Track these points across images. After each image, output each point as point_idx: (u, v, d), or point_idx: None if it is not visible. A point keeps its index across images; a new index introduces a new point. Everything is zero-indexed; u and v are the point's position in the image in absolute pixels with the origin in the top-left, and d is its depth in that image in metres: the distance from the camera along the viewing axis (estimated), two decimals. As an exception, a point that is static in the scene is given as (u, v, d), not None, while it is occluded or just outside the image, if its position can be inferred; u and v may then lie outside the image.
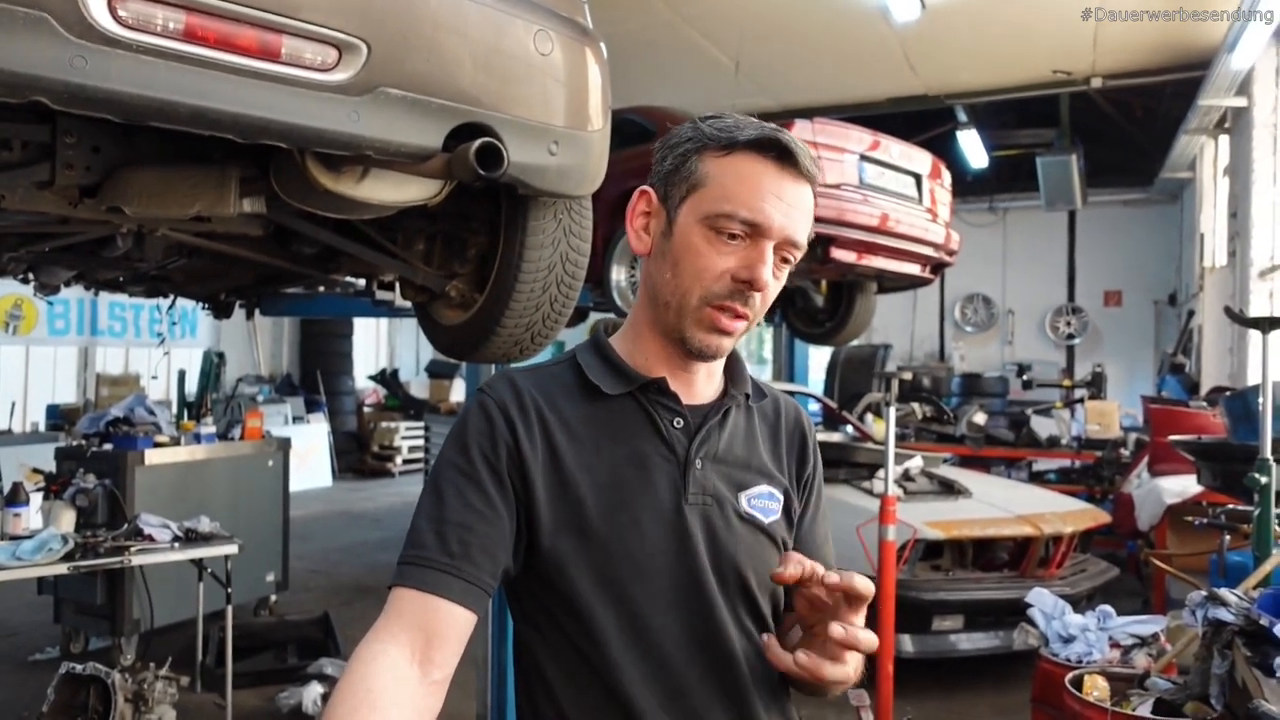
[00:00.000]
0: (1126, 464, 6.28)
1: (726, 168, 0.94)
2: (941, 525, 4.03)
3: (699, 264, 0.94)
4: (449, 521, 0.92)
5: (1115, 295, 11.56)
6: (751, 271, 0.92)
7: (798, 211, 0.94)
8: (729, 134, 0.94)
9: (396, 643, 0.86)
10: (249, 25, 1.46)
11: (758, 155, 0.93)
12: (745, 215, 0.92)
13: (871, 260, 4.14)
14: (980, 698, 4.01)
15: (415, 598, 0.88)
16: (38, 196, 1.85)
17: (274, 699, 3.76)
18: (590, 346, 1.04)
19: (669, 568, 0.95)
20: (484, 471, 0.94)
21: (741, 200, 0.92)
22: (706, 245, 0.94)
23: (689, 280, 0.94)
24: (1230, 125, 7.44)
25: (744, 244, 0.93)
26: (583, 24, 1.99)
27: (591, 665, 0.94)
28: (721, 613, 0.96)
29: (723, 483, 0.99)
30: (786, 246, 0.95)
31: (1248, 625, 1.98)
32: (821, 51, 7.42)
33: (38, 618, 4.67)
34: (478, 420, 0.97)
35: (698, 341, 0.96)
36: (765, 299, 0.96)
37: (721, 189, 0.93)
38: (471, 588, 0.90)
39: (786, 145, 0.93)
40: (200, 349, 9.96)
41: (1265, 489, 2.81)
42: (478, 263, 2.32)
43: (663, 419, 0.99)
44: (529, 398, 0.98)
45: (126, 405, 4.72)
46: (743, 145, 0.93)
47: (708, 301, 0.94)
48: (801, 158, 0.93)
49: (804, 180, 0.95)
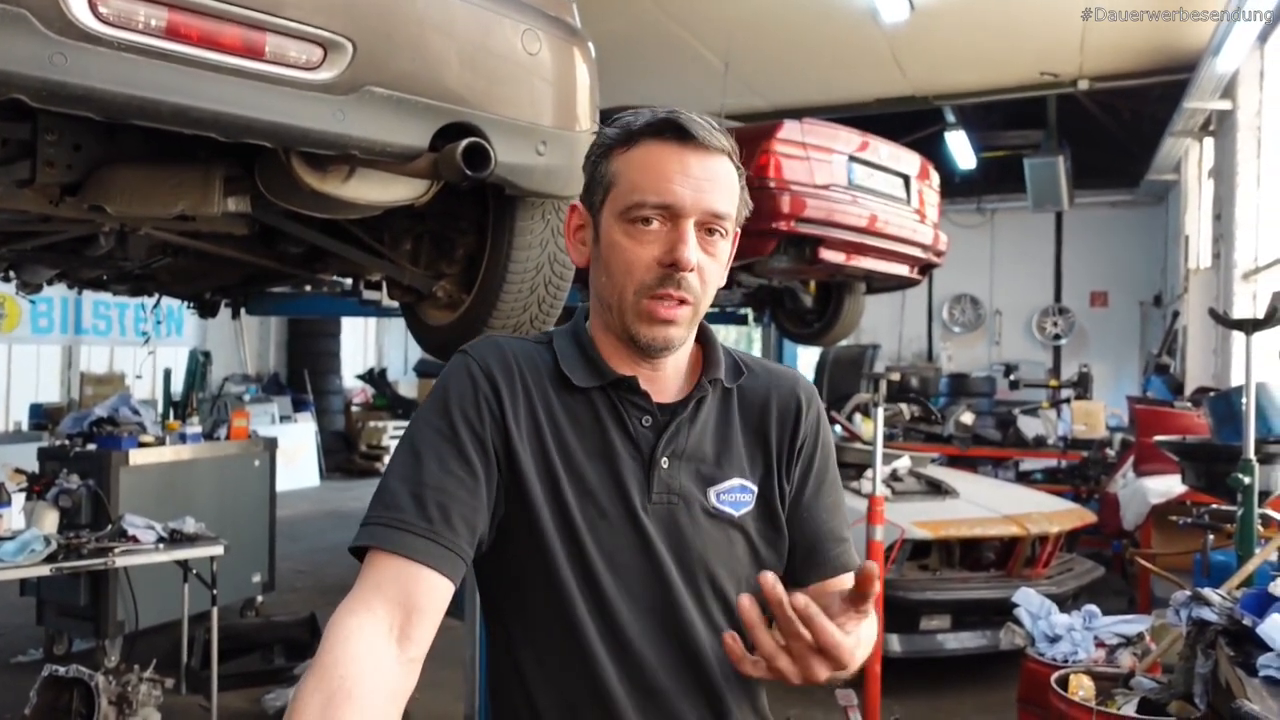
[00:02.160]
0: (1112, 464, 6.32)
1: (631, 161, 0.95)
2: (929, 525, 4.05)
3: (626, 259, 0.94)
4: (428, 485, 0.89)
5: (1101, 296, 11.64)
6: (674, 253, 0.92)
7: (709, 183, 0.94)
8: (626, 128, 0.96)
9: (374, 616, 0.82)
10: (232, 23, 1.45)
11: (657, 140, 0.94)
12: (654, 200, 0.93)
13: (860, 261, 4.15)
14: (967, 697, 4.02)
15: (394, 564, 0.85)
16: (18, 194, 1.83)
17: (260, 700, 3.74)
18: (569, 333, 1.03)
19: (635, 564, 0.95)
20: (466, 435, 0.92)
21: (649, 187, 0.93)
22: (628, 240, 0.94)
23: (621, 277, 0.95)
24: (1215, 128, 7.49)
25: (664, 229, 0.94)
26: (570, 23, 1.99)
27: (568, 656, 0.93)
28: (688, 610, 0.96)
29: (690, 480, 0.98)
30: (710, 220, 0.95)
31: (1231, 625, 1.99)
32: (810, 52, 7.44)
33: (20, 619, 4.62)
34: (460, 381, 0.95)
35: (644, 337, 0.95)
36: (705, 278, 0.96)
37: (629, 182, 0.94)
38: (451, 555, 0.87)
39: (682, 124, 0.93)
40: (186, 348, 9.87)
41: (1248, 489, 2.84)
42: (465, 263, 2.31)
43: (630, 416, 0.98)
44: (515, 366, 0.97)
45: (111, 405, 4.68)
46: (640, 135, 0.95)
47: (642, 294, 0.94)
48: (699, 131, 0.93)
49: (711, 152, 0.94)
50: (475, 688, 3.20)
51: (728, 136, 0.96)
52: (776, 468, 1.03)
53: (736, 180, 0.98)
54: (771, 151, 3.82)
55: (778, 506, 1.03)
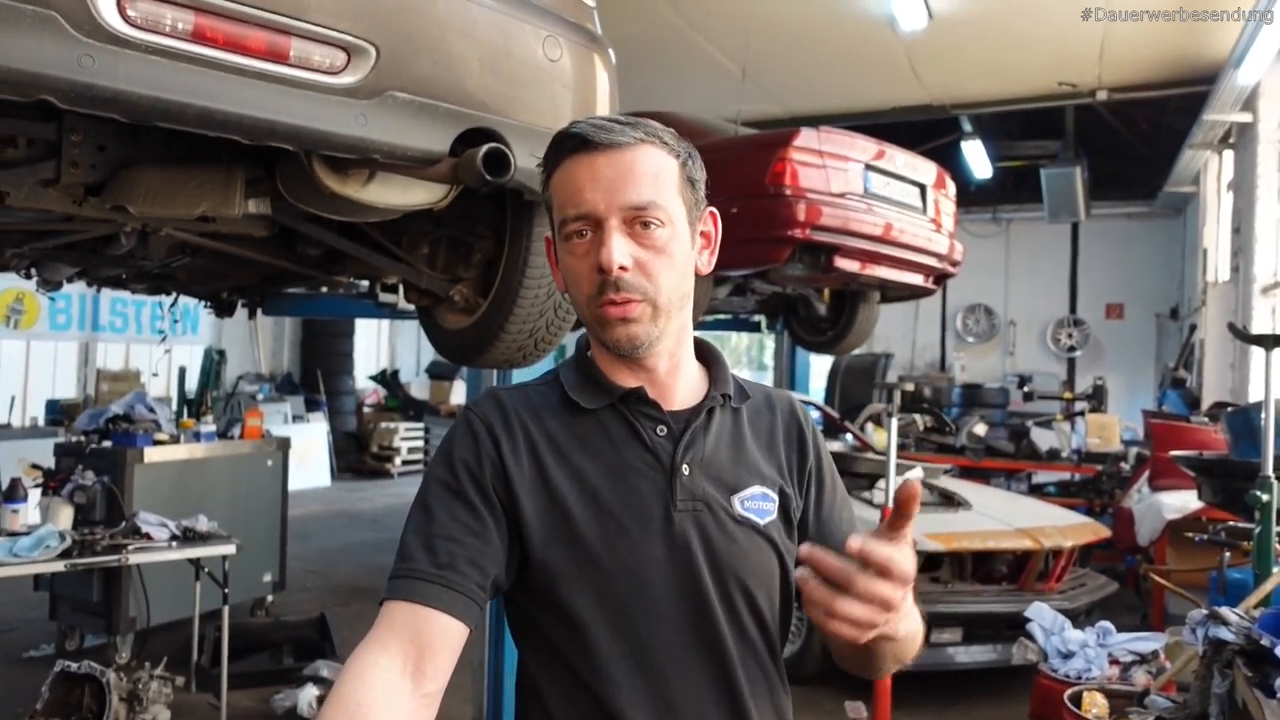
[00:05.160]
0: (1127, 478, 6.26)
1: (556, 182, 0.98)
2: (941, 537, 4.02)
3: (572, 274, 0.98)
4: (437, 535, 0.93)
5: (1117, 308, 11.56)
6: (600, 258, 0.94)
7: (621, 180, 0.94)
8: (545, 158, 1.00)
9: (388, 654, 0.86)
10: (258, 27, 1.46)
11: (569, 156, 0.97)
12: (571, 213, 0.96)
13: (875, 270, 4.13)
14: (977, 712, 3.99)
15: (405, 609, 0.89)
16: (43, 194, 1.84)
17: (269, 700, 3.75)
18: (572, 363, 1.06)
19: (663, 577, 0.95)
20: (470, 487, 0.95)
21: (567, 201, 0.96)
22: (570, 256, 0.98)
23: (575, 292, 0.99)
24: (1235, 140, 7.44)
25: (594, 238, 0.96)
26: (592, 30, 1.99)
27: (583, 678, 0.94)
28: (719, 619, 0.96)
29: (713, 487, 0.99)
30: (634, 214, 0.95)
31: (1248, 645, 1.97)
32: (828, 59, 7.43)
33: (34, 614, 4.65)
34: (463, 437, 0.99)
35: (610, 340, 0.98)
36: (649, 270, 0.95)
37: (558, 202, 0.98)
38: (460, 597, 0.90)
39: (579, 133, 0.96)
40: (201, 346, 9.96)
41: (1266, 506, 2.80)
42: (482, 268, 2.32)
43: (645, 428, 0.99)
44: (514, 415, 1.00)
45: (127, 402, 4.71)
46: (555, 155, 0.98)
47: (591, 303, 0.97)
48: (599, 135, 0.95)
49: (620, 149, 0.95)
50: (484, 691, 3.20)
51: (645, 125, 0.97)
52: (790, 485, 1.04)
53: (665, 163, 0.97)
54: (788, 159, 3.81)
55: (794, 520, 1.04)
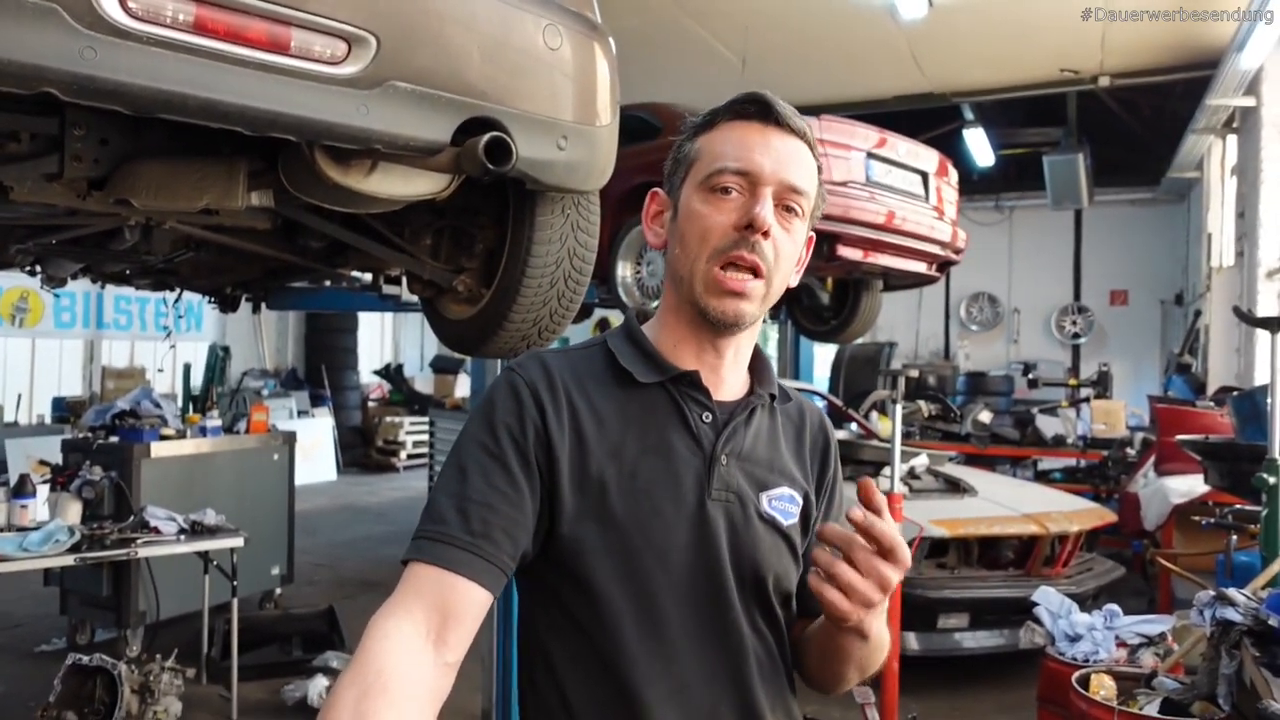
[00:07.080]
0: (1132, 463, 6.26)
1: (714, 137, 0.98)
2: (947, 523, 4.02)
3: (703, 225, 0.95)
4: (472, 500, 0.90)
5: (1121, 294, 11.52)
6: (750, 216, 0.93)
7: (789, 157, 0.95)
8: (712, 112, 1.00)
9: (412, 619, 0.84)
10: (259, 18, 1.46)
11: (740, 118, 0.97)
12: (734, 165, 0.94)
13: (878, 258, 4.12)
14: (985, 696, 4.00)
15: (434, 574, 0.87)
16: (46, 188, 1.85)
17: (279, 692, 3.77)
18: (622, 333, 1.04)
19: (688, 561, 0.95)
20: (510, 452, 0.93)
21: (730, 154, 0.95)
22: (707, 207, 0.96)
23: (696, 245, 0.96)
24: (1238, 125, 7.40)
25: (742, 198, 0.95)
26: (591, 19, 1.99)
27: (601, 651, 0.93)
28: (736, 609, 0.96)
29: (746, 481, 0.99)
30: (787, 194, 0.95)
31: (1256, 625, 1.98)
32: (828, 49, 7.40)
33: (44, 609, 4.68)
34: (506, 399, 0.96)
35: (714, 310, 0.95)
36: (779, 250, 0.95)
37: (711, 154, 0.97)
38: (491, 567, 0.88)
39: (766, 100, 0.96)
40: (206, 342, 9.95)
41: (1273, 489, 2.80)
42: (485, 258, 2.32)
43: (692, 412, 0.98)
44: (559, 380, 0.97)
45: (133, 398, 4.72)
46: (723, 114, 0.98)
47: (715, 259, 0.94)
48: (783, 110, 0.96)
49: (791, 134, 0.97)
50: (493, 680, 3.21)
51: (809, 127, 0.99)
52: (812, 493, 1.06)
53: (815, 169, 0.99)
54: (790, 148, 3.80)
55: (810, 527, 1.05)
